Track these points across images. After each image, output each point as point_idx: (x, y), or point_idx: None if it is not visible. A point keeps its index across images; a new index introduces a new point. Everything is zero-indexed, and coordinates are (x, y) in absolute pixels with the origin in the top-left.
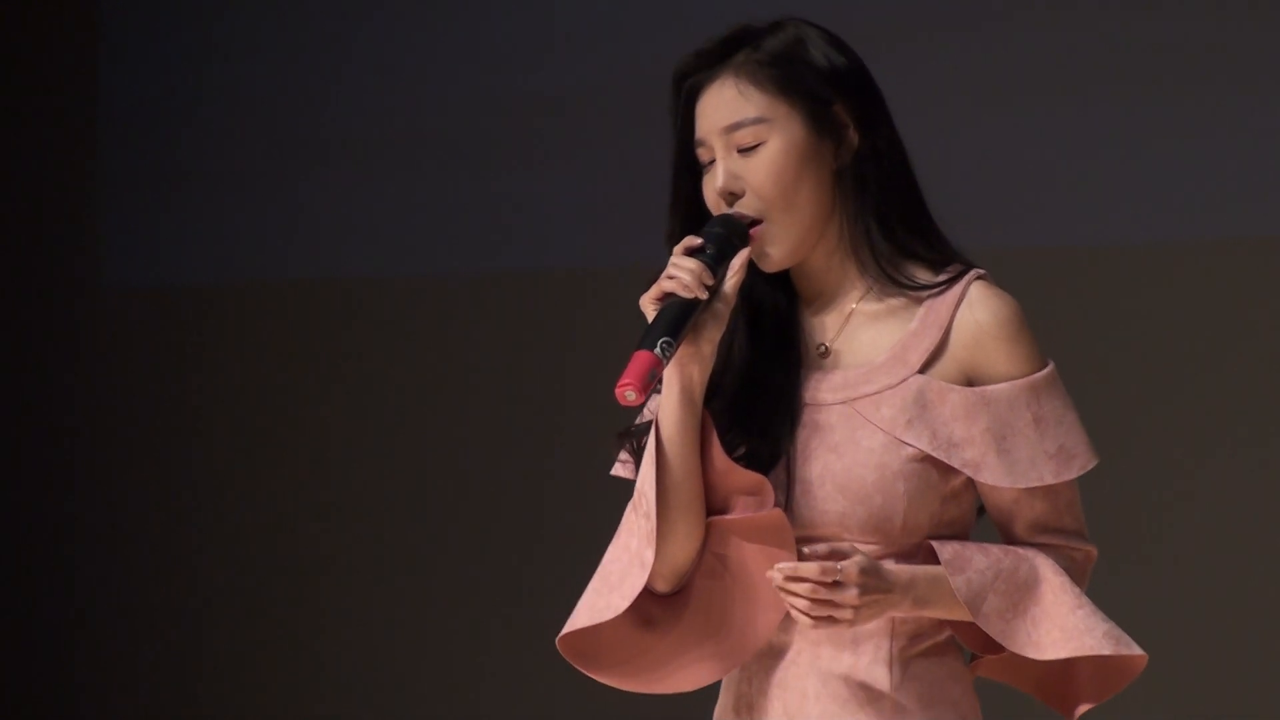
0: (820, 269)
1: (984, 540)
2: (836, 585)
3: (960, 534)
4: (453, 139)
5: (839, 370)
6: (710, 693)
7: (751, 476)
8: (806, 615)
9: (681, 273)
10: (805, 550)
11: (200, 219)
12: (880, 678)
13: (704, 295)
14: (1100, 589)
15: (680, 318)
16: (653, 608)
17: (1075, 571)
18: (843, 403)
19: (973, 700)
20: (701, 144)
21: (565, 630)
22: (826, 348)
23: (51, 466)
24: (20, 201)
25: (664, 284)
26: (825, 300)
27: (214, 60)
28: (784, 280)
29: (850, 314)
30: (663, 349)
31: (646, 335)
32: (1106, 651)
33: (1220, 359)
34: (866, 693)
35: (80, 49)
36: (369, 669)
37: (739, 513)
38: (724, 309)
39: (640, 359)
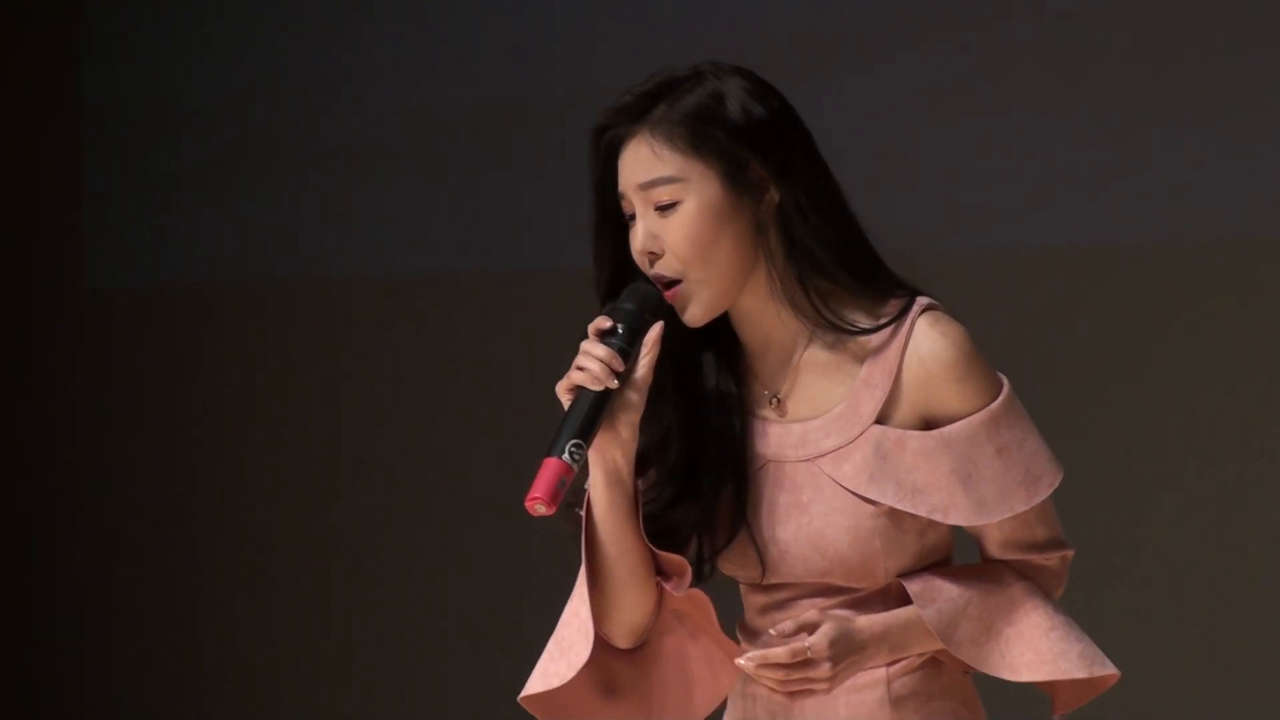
0: (758, 318)
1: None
2: (808, 662)
3: (945, 552)
4: (448, 139)
5: (796, 424)
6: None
7: (671, 559)
8: (782, 692)
9: (591, 363)
10: (772, 632)
11: (186, 220)
12: (879, 696)
13: (614, 384)
14: (1103, 587)
15: (591, 413)
16: (616, 664)
17: (1051, 580)
18: (805, 460)
19: (975, 705)
20: (624, 197)
21: (522, 694)
22: (778, 400)
23: (39, 469)
24: (5, 203)
25: (574, 376)
26: (771, 350)
27: (200, 60)
28: (729, 332)
29: (798, 365)
30: (572, 454)
31: (555, 439)
32: (1081, 675)
33: (1219, 359)
34: (865, 710)
35: (65, 48)
36: (368, 668)
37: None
38: (638, 390)
39: (549, 468)
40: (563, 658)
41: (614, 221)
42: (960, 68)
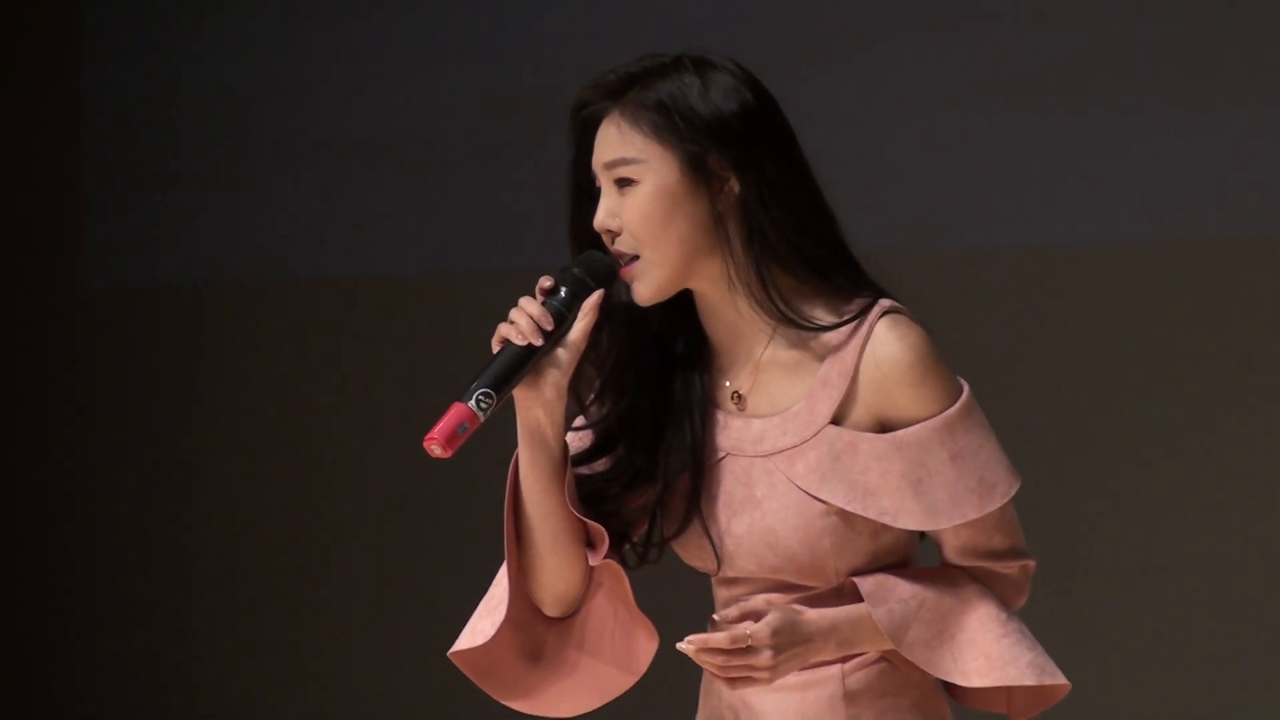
0: (719, 309)
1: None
2: (749, 649)
3: (902, 554)
4: (448, 138)
5: (756, 420)
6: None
7: (592, 527)
8: (724, 679)
9: (520, 318)
10: (715, 617)
11: (185, 219)
12: (832, 691)
13: (538, 341)
14: (1102, 586)
15: (510, 367)
16: (543, 631)
17: (1010, 589)
18: (762, 456)
19: (935, 702)
20: (596, 175)
21: (451, 649)
22: (740, 395)
23: (38, 469)
24: (5, 203)
25: (501, 328)
26: (735, 344)
27: (199, 59)
28: (698, 325)
29: (761, 361)
30: (479, 402)
31: (468, 385)
32: (1029, 682)
33: (1219, 359)
34: (819, 706)
35: (64, 47)
36: (367, 668)
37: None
38: (569, 352)
39: (453, 412)
40: (489, 616)
41: (588, 197)
42: (955, 66)
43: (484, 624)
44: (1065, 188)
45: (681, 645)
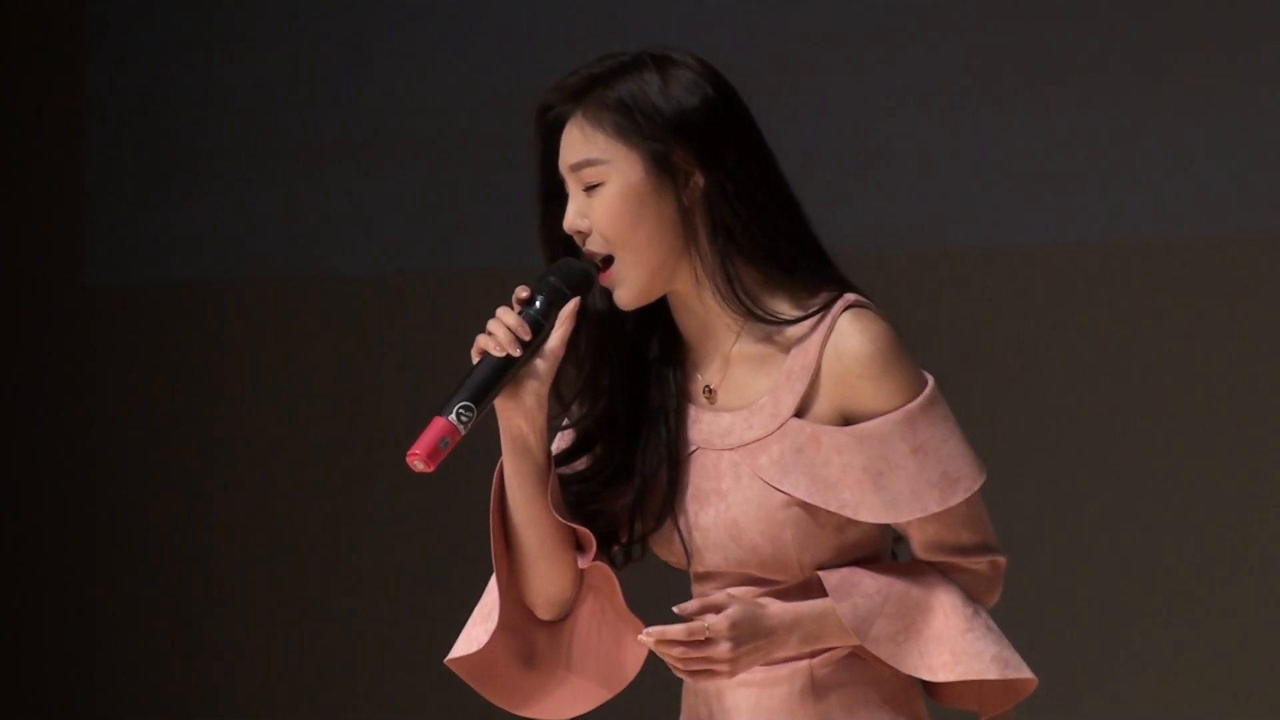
0: (689, 304)
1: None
2: (708, 641)
3: (871, 549)
4: (451, 136)
5: (725, 413)
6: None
7: (579, 530)
8: (684, 673)
9: (498, 329)
10: (675, 609)
11: (185, 217)
12: (801, 685)
13: (517, 352)
14: (1101, 586)
15: (489, 379)
16: (537, 634)
17: (978, 585)
18: (729, 449)
19: (908, 695)
20: (564, 178)
21: (448, 656)
22: (711, 390)
23: (39, 468)
24: (6, 201)
25: (480, 340)
26: (706, 340)
27: (201, 57)
28: (673, 323)
29: (731, 355)
30: (459, 415)
31: (448, 398)
32: (993, 676)
33: (1219, 359)
34: (788, 701)
35: (67, 45)
36: (366, 667)
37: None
38: (548, 361)
39: (434, 427)
40: (483, 624)
41: (558, 200)
42: (955, 65)
43: (478, 631)
44: (1066, 187)
45: (641, 637)
